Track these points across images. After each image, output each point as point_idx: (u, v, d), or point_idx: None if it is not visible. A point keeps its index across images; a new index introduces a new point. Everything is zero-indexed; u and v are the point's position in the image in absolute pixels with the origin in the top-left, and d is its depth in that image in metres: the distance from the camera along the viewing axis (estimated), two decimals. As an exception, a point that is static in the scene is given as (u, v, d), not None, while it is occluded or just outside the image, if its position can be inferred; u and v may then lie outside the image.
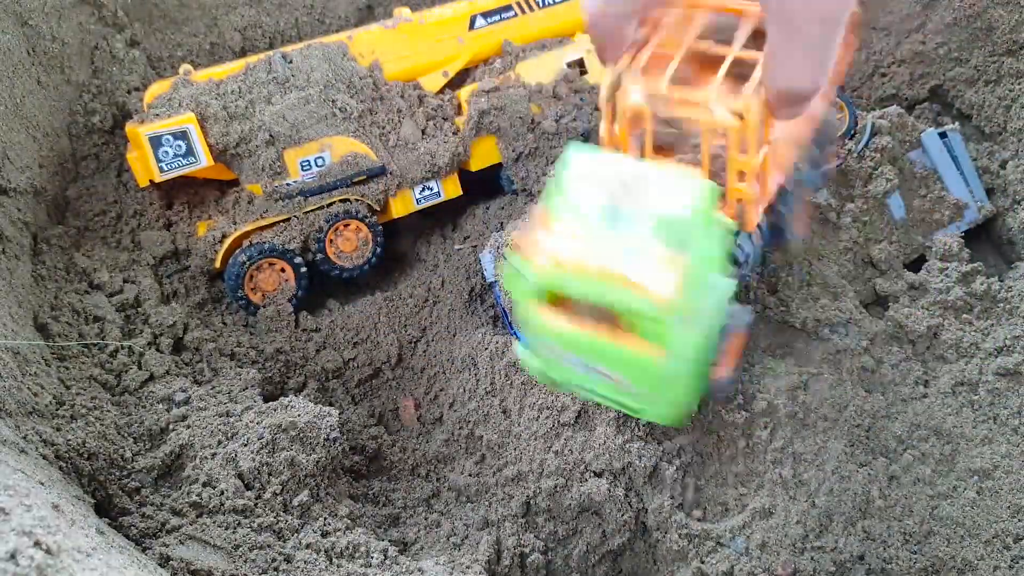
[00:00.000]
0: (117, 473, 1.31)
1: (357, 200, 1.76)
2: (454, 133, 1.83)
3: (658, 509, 1.45)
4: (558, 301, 1.08)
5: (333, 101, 1.73)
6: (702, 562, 1.40)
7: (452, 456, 1.59)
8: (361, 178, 1.75)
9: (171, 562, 1.16)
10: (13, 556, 0.79)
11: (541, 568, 1.43)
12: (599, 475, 1.47)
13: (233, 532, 1.23)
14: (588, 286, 1.03)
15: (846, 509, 1.40)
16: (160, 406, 1.46)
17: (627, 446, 1.48)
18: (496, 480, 1.51)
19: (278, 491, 1.30)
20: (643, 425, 1.51)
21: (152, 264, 1.75)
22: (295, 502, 1.30)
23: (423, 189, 1.82)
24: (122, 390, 1.49)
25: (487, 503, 1.49)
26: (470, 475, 1.54)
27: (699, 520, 1.46)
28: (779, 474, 1.46)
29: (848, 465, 1.44)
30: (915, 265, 1.70)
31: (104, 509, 1.25)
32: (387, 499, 1.51)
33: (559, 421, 1.53)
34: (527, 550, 1.42)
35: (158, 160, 1.65)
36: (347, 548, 1.27)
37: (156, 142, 1.64)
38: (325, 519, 1.31)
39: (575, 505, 1.44)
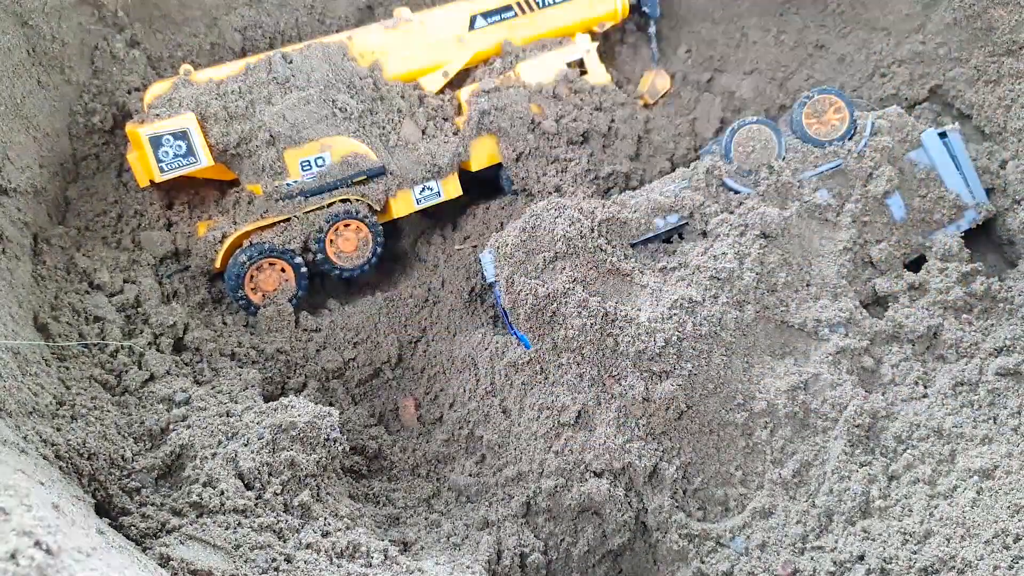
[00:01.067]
0: (117, 473, 1.31)
1: (357, 200, 1.76)
2: (454, 133, 1.84)
3: (658, 509, 1.45)
4: None
5: (333, 101, 1.73)
6: (702, 562, 1.40)
7: (452, 456, 1.59)
8: (361, 178, 1.75)
9: (171, 562, 1.16)
10: (13, 556, 0.79)
11: (541, 568, 1.43)
12: (599, 475, 1.47)
13: (233, 532, 1.23)
14: None
15: (846, 509, 1.40)
16: (160, 406, 1.46)
17: (627, 446, 1.48)
18: (496, 480, 1.51)
19: (278, 491, 1.30)
20: (643, 425, 1.51)
21: (152, 264, 1.75)
22: (295, 502, 1.30)
23: (423, 189, 1.82)
24: (122, 390, 1.49)
25: (487, 503, 1.49)
26: (470, 475, 1.54)
27: (699, 520, 1.46)
28: (779, 474, 1.46)
29: (848, 465, 1.44)
30: (915, 265, 1.70)
31: (104, 509, 1.25)
32: (387, 499, 1.51)
33: (559, 421, 1.53)
34: (527, 550, 1.42)
35: (158, 160, 1.65)
36: (347, 548, 1.27)
37: (156, 142, 1.64)
38: (325, 519, 1.31)
39: (575, 505, 1.45)
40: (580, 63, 1.94)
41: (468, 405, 1.61)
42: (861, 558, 1.35)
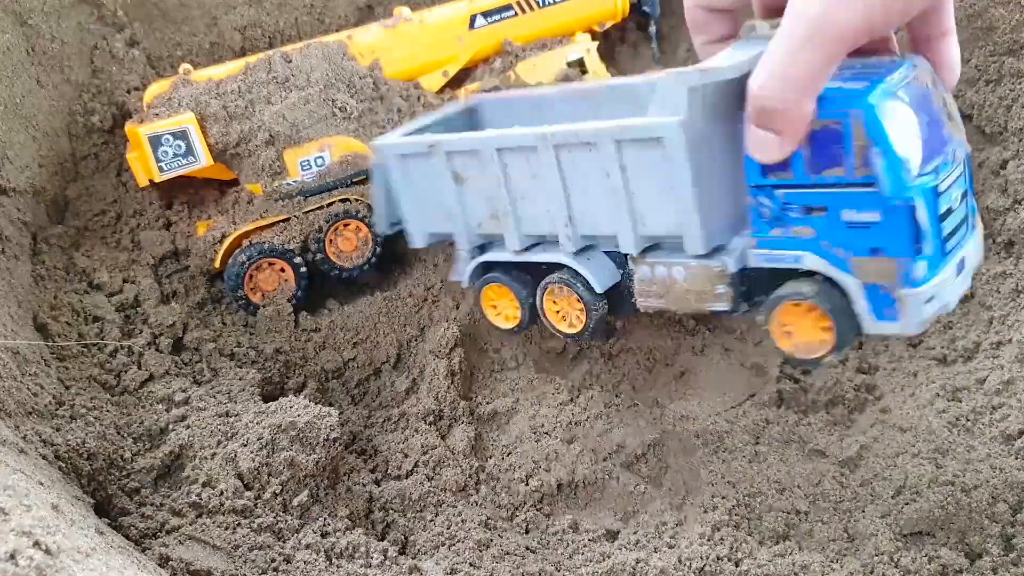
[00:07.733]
0: (117, 473, 1.31)
1: (357, 200, 1.76)
2: (454, 133, 1.84)
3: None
4: None
5: (333, 101, 1.73)
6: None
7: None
8: (361, 178, 1.75)
9: (171, 562, 1.16)
10: (13, 556, 0.79)
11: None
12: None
13: (233, 532, 1.23)
14: None
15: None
16: (159, 406, 1.46)
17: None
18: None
19: (278, 491, 1.30)
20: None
21: (152, 264, 1.75)
22: (295, 502, 1.30)
23: (423, 189, 1.82)
24: (122, 390, 1.49)
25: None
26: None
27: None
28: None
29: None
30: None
31: (104, 509, 1.25)
32: (387, 498, 1.51)
33: (564, 419, 1.53)
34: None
35: (158, 160, 1.65)
36: (347, 548, 1.27)
37: (156, 142, 1.64)
38: (325, 519, 1.31)
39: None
40: (580, 62, 1.94)
41: (468, 405, 1.61)
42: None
